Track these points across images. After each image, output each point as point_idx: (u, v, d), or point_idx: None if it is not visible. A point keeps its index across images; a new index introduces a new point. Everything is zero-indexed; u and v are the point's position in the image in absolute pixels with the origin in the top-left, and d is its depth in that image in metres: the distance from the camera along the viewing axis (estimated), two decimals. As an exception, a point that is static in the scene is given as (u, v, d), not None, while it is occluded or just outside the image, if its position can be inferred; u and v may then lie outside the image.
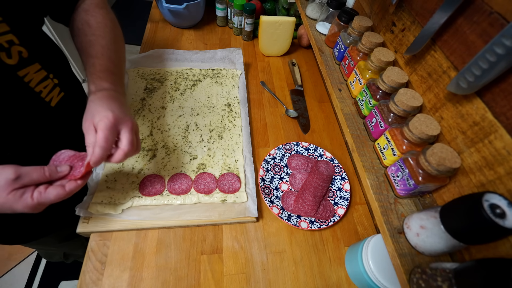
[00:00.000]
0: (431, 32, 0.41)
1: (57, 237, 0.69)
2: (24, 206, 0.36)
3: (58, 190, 0.38)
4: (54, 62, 0.51)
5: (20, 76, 0.42)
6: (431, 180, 0.39)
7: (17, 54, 0.41)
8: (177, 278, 0.49)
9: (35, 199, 0.36)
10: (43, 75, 0.46)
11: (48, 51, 0.52)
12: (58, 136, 0.53)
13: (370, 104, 0.52)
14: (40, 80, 0.46)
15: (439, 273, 0.32)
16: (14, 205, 0.35)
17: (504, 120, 0.33)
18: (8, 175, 0.34)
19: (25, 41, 0.42)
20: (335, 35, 0.68)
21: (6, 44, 0.39)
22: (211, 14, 0.98)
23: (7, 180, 0.34)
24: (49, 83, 0.48)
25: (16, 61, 0.41)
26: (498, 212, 0.28)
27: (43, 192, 0.37)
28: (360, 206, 0.62)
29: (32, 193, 0.36)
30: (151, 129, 0.65)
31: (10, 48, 0.40)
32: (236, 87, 0.77)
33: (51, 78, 0.48)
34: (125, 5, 2.25)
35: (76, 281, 1.16)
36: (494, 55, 0.30)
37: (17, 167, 0.35)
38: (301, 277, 0.51)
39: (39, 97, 0.46)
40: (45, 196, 0.37)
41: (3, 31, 0.38)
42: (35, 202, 0.36)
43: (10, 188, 0.35)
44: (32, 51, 0.43)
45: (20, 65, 0.42)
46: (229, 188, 0.57)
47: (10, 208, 0.36)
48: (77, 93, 0.62)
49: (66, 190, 0.38)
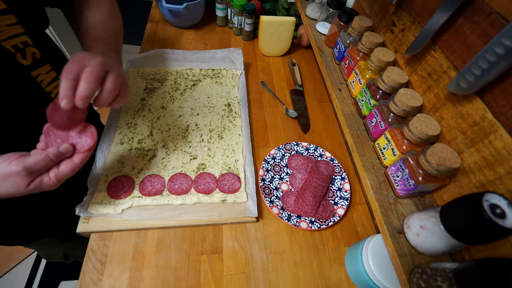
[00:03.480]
0: (431, 32, 0.41)
1: (57, 238, 0.69)
2: (48, 187, 0.38)
3: (69, 164, 0.39)
4: (61, 63, 0.52)
5: (33, 77, 0.43)
6: (431, 180, 0.39)
7: (31, 55, 0.42)
8: (177, 278, 0.49)
9: (54, 178, 0.38)
10: (53, 76, 0.47)
11: (58, 53, 0.53)
12: None
13: (370, 104, 0.52)
14: (51, 80, 0.47)
15: (439, 273, 0.32)
16: (38, 190, 0.38)
17: (504, 120, 0.33)
18: (20, 174, 0.35)
19: (38, 42, 0.43)
20: (335, 35, 0.68)
21: (21, 45, 0.40)
22: (211, 14, 0.98)
23: (22, 177, 0.35)
24: (58, 83, 0.49)
25: (30, 61, 0.42)
26: (498, 212, 0.28)
27: (58, 171, 0.38)
28: (360, 206, 0.62)
29: (49, 176, 0.38)
30: (151, 129, 0.65)
31: (25, 49, 0.41)
32: (236, 87, 0.77)
33: (60, 79, 0.49)
34: (125, 5, 2.24)
35: (76, 281, 1.16)
36: (494, 55, 0.30)
37: (21, 161, 0.35)
38: (301, 277, 0.51)
39: (50, 97, 0.48)
40: (61, 173, 0.38)
41: (19, 33, 0.39)
42: (55, 181, 0.38)
43: (27, 182, 0.36)
44: (44, 52, 0.44)
45: (33, 66, 0.43)
46: (229, 188, 0.57)
47: (37, 191, 0.38)
48: None
49: (76, 162, 0.40)
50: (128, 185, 0.55)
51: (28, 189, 0.37)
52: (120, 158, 0.59)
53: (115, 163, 0.58)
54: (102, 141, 0.61)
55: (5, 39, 0.38)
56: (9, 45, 0.38)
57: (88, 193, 0.53)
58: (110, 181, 0.55)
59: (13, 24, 0.39)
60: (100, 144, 0.60)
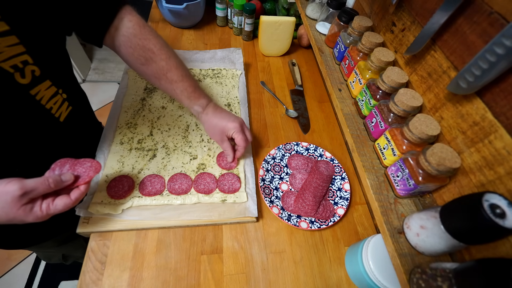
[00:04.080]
0: (431, 32, 0.41)
1: (56, 241, 0.69)
2: (34, 218, 0.37)
3: (64, 200, 0.39)
4: (63, 76, 0.51)
5: (32, 95, 0.42)
6: (431, 180, 0.39)
7: (30, 74, 0.41)
8: (177, 278, 0.49)
9: (44, 211, 0.38)
10: (53, 91, 0.46)
11: (59, 66, 0.51)
12: (65, 150, 0.52)
13: (370, 104, 0.52)
14: (51, 96, 0.46)
15: (439, 273, 0.32)
16: (24, 218, 0.37)
17: (504, 120, 0.33)
18: (14, 192, 0.35)
19: (39, 59, 0.42)
20: (335, 35, 0.68)
21: (20, 65, 0.39)
22: (211, 14, 0.98)
23: (13, 197, 0.35)
24: (59, 98, 0.48)
25: (29, 80, 0.41)
26: (498, 212, 0.28)
27: (51, 204, 0.38)
28: (360, 206, 0.62)
29: (40, 206, 0.38)
30: (151, 129, 0.65)
31: (24, 68, 0.39)
32: (236, 87, 0.77)
33: (60, 93, 0.48)
34: (125, 5, 2.24)
35: (76, 281, 1.16)
36: (494, 55, 0.30)
37: (21, 181, 0.36)
38: (301, 277, 0.51)
39: (50, 113, 0.46)
40: (54, 207, 0.38)
41: (19, 52, 0.38)
42: (44, 214, 0.38)
43: (18, 205, 0.36)
44: (44, 68, 0.43)
45: (32, 84, 0.41)
46: (229, 188, 0.57)
47: (21, 220, 0.37)
48: (83, 106, 0.62)
49: (72, 199, 0.40)
50: (128, 185, 0.55)
51: (17, 213, 0.36)
52: (120, 158, 0.59)
53: (115, 163, 0.58)
54: (102, 141, 0.61)
55: (4, 60, 0.36)
56: (8, 65, 0.37)
57: (88, 193, 0.53)
58: (110, 181, 0.55)
59: (15, 45, 0.37)
60: (100, 144, 0.60)
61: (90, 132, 0.64)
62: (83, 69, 1.87)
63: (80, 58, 1.82)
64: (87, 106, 0.65)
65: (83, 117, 0.61)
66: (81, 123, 0.58)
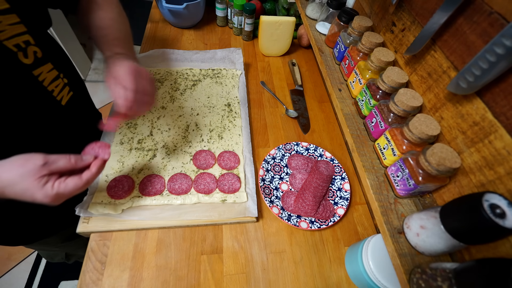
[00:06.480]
0: (431, 32, 0.41)
1: (59, 238, 0.69)
2: (44, 195, 0.37)
3: (75, 181, 0.39)
4: (62, 62, 0.52)
5: (35, 75, 0.43)
6: (431, 180, 0.39)
7: (33, 54, 0.42)
8: (177, 278, 0.49)
9: (55, 189, 0.37)
10: (55, 75, 0.48)
11: (58, 52, 0.53)
12: (67, 134, 0.54)
13: (370, 104, 0.52)
14: (52, 79, 0.47)
15: (439, 273, 0.32)
16: (35, 192, 0.36)
17: (504, 120, 0.33)
18: (37, 161, 0.36)
19: (39, 41, 0.43)
20: (335, 35, 0.68)
21: (23, 44, 0.40)
22: (211, 14, 0.98)
23: (35, 165, 0.36)
24: (60, 82, 0.49)
25: (32, 60, 0.42)
26: (498, 212, 0.28)
27: (63, 182, 0.38)
28: (360, 206, 0.62)
29: (53, 183, 0.37)
30: (151, 129, 0.65)
31: (27, 48, 0.41)
32: (236, 87, 0.77)
33: (61, 77, 0.49)
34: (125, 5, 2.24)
35: (76, 281, 1.16)
36: (494, 55, 0.30)
37: (45, 154, 0.37)
38: (301, 277, 0.51)
39: (52, 95, 0.48)
40: (65, 186, 0.38)
41: (21, 32, 0.40)
42: (54, 192, 0.37)
43: (38, 174, 0.36)
44: (45, 51, 0.45)
45: (35, 65, 0.43)
46: (229, 188, 0.57)
47: (31, 195, 0.37)
48: (83, 93, 0.63)
49: (83, 179, 0.40)
50: (128, 185, 0.55)
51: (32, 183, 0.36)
52: (120, 158, 0.59)
53: (115, 163, 0.58)
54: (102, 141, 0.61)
55: (7, 38, 0.38)
56: (11, 44, 0.39)
57: (88, 193, 0.53)
58: (110, 181, 0.55)
59: (16, 24, 0.39)
60: (100, 144, 0.60)
61: (90, 120, 0.64)
62: (83, 69, 1.87)
63: (80, 58, 1.82)
64: (87, 95, 0.66)
65: (84, 104, 0.62)
66: (82, 109, 0.60)
